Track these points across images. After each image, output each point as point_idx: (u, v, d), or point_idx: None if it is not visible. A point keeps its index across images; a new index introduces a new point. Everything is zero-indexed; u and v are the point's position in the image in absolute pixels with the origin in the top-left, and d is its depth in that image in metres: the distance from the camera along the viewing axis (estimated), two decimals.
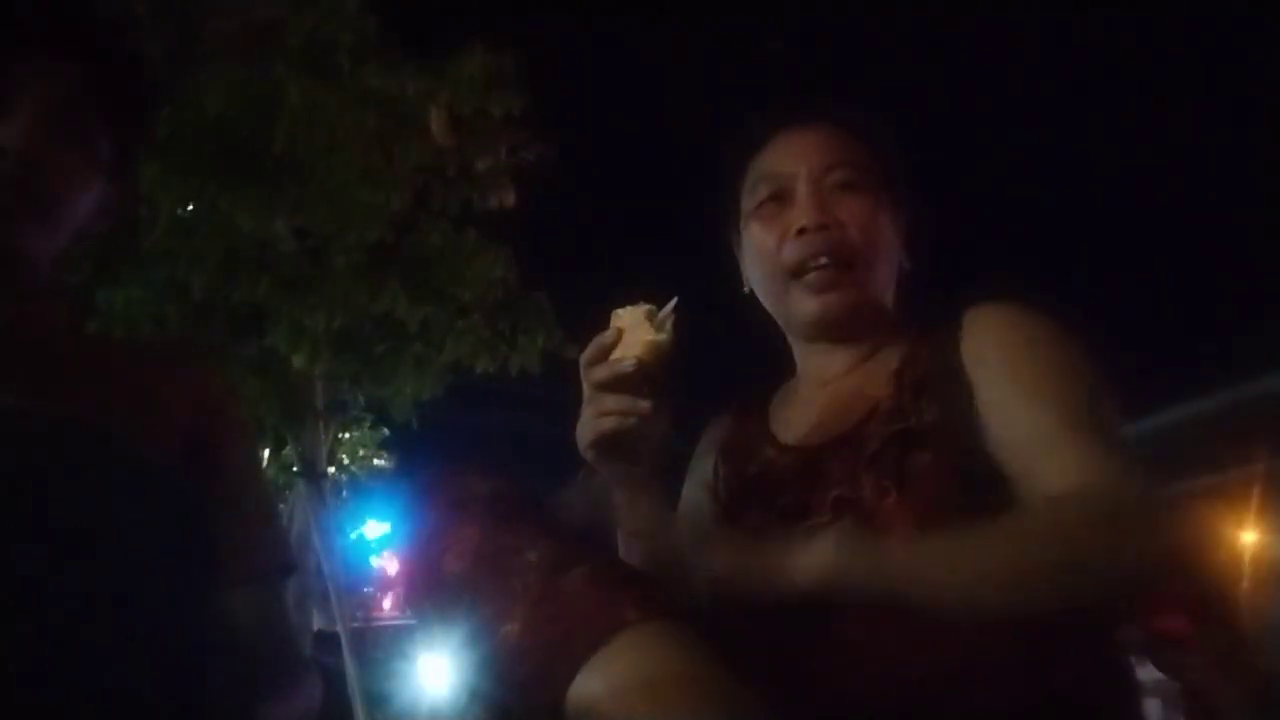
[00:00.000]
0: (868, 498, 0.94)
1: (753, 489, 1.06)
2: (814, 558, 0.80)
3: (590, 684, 0.71)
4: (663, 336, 0.97)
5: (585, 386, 0.98)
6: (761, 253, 1.08)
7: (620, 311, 1.00)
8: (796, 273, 1.05)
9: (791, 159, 1.07)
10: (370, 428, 10.27)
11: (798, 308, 1.07)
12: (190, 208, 4.52)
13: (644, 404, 0.96)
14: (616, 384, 0.96)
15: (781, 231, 1.05)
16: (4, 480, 0.67)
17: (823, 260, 1.03)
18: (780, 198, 1.06)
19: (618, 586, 0.77)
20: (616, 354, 0.97)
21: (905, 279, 1.12)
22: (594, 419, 0.97)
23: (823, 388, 1.11)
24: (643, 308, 0.99)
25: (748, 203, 1.10)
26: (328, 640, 5.87)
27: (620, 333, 0.97)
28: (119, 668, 0.69)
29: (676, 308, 0.99)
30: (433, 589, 0.82)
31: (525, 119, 4.73)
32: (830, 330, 1.09)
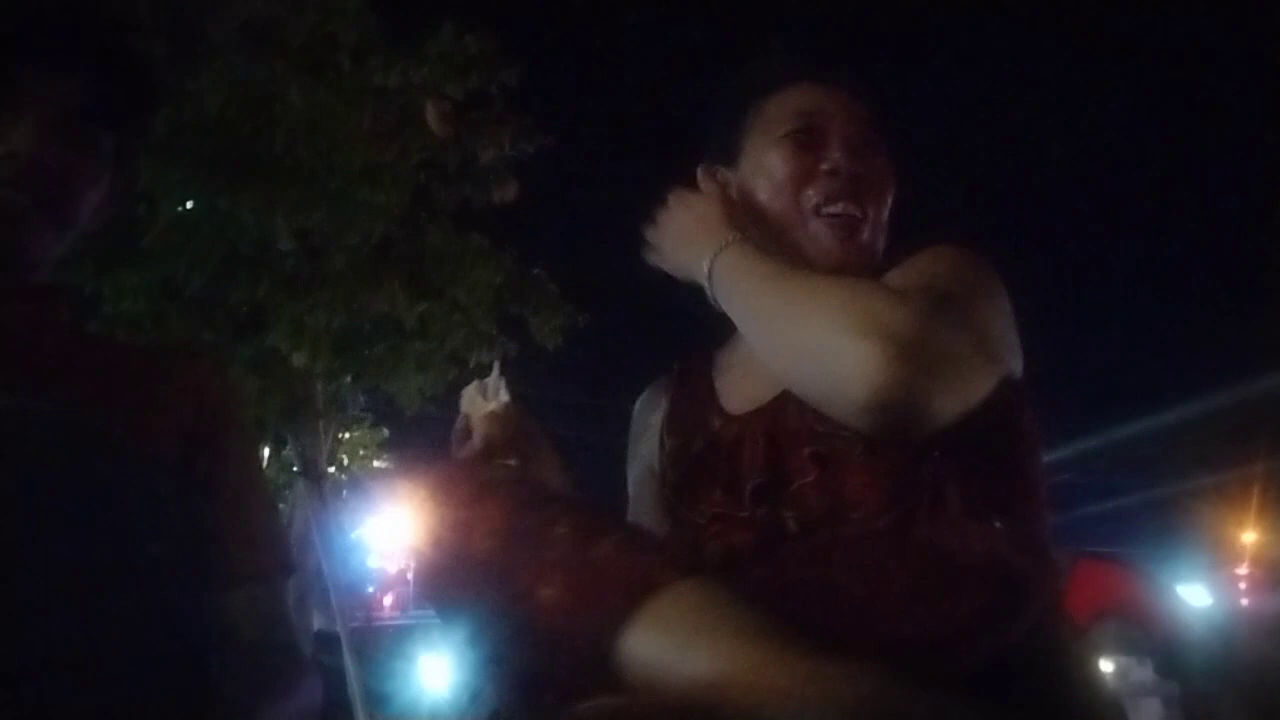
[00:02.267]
0: (827, 484, 0.94)
1: (704, 468, 1.04)
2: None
3: (645, 641, 0.72)
4: (494, 404, 1.07)
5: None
6: (785, 179, 1.05)
7: (462, 398, 1.10)
8: (820, 208, 1.04)
9: (827, 102, 1.07)
10: (370, 428, 10.29)
11: (817, 242, 1.04)
12: (190, 207, 4.52)
13: (508, 465, 1.04)
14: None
15: (809, 164, 1.05)
16: (3, 479, 0.67)
17: (853, 208, 1.04)
18: (810, 133, 1.06)
19: (649, 551, 0.80)
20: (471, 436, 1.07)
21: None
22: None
23: None
24: (473, 385, 1.10)
25: (769, 132, 1.08)
26: (328, 640, 5.87)
27: (467, 418, 1.07)
28: (119, 667, 0.69)
29: (502, 372, 1.10)
30: (459, 569, 0.84)
31: (523, 107, 4.73)
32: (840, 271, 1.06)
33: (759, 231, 1.07)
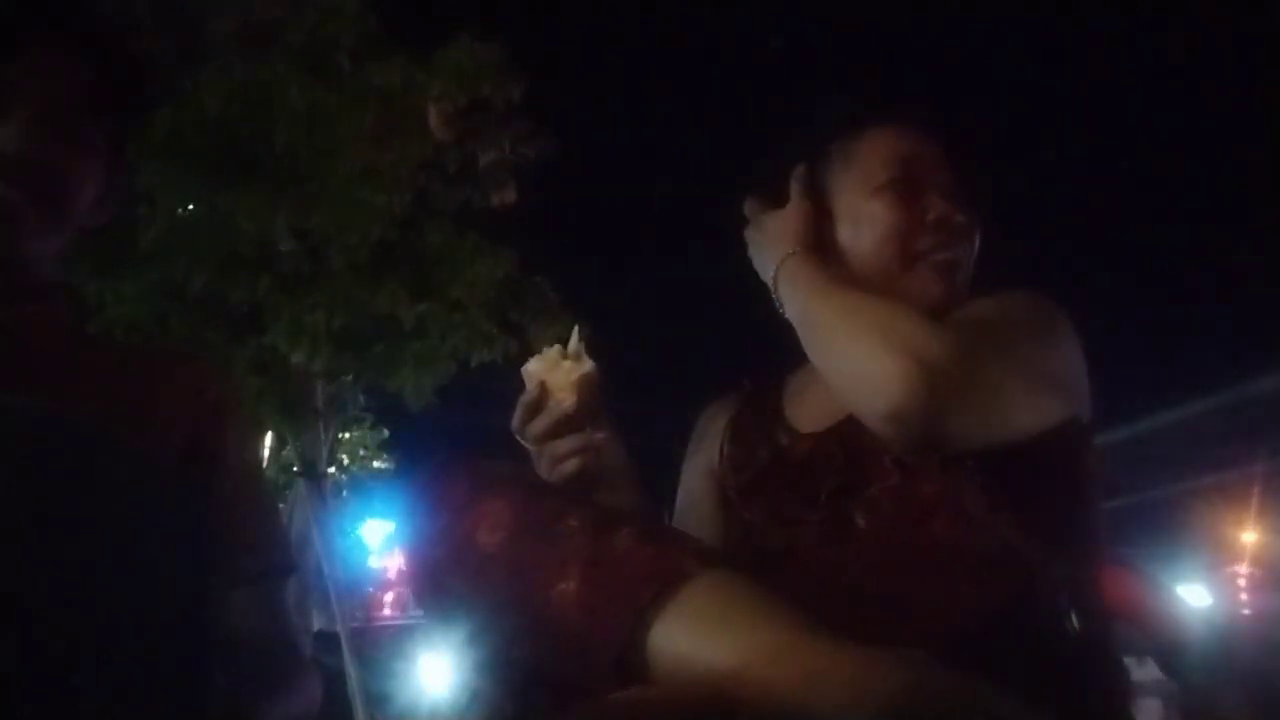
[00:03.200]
0: (891, 493, 0.96)
1: (769, 479, 1.06)
2: None
3: (673, 632, 0.71)
4: (587, 366, 1.00)
5: (529, 446, 1.02)
6: (892, 231, 1.07)
7: (530, 367, 1.03)
8: (927, 256, 1.06)
9: (919, 148, 1.10)
10: (370, 428, 10.28)
11: (920, 285, 1.07)
12: (190, 208, 4.52)
13: (599, 435, 1.00)
14: (561, 428, 1.00)
15: (914, 215, 1.06)
16: (3, 479, 0.67)
17: (956, 253, 1.07)
18: (909, 182, 1.08)
19: (670, 541, 0.79)
20: (550, 403, 1.00)
21: None
22: (553, 469, 1.00)
23: None
24: (552, 350, 1.02)
25: (864, 179, 1.10)
26: (328, 640, 5.87)
27: (542, 385, 1.01)
28: (118, 667, 0.69)
29: (583, 336, 1.02)
30: (463, 565, 0.82)
31: (525, 112, 4.74)
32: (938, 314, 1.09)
33: (859, 273, 1.09)
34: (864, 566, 0.92)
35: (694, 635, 0.71)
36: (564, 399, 0.99)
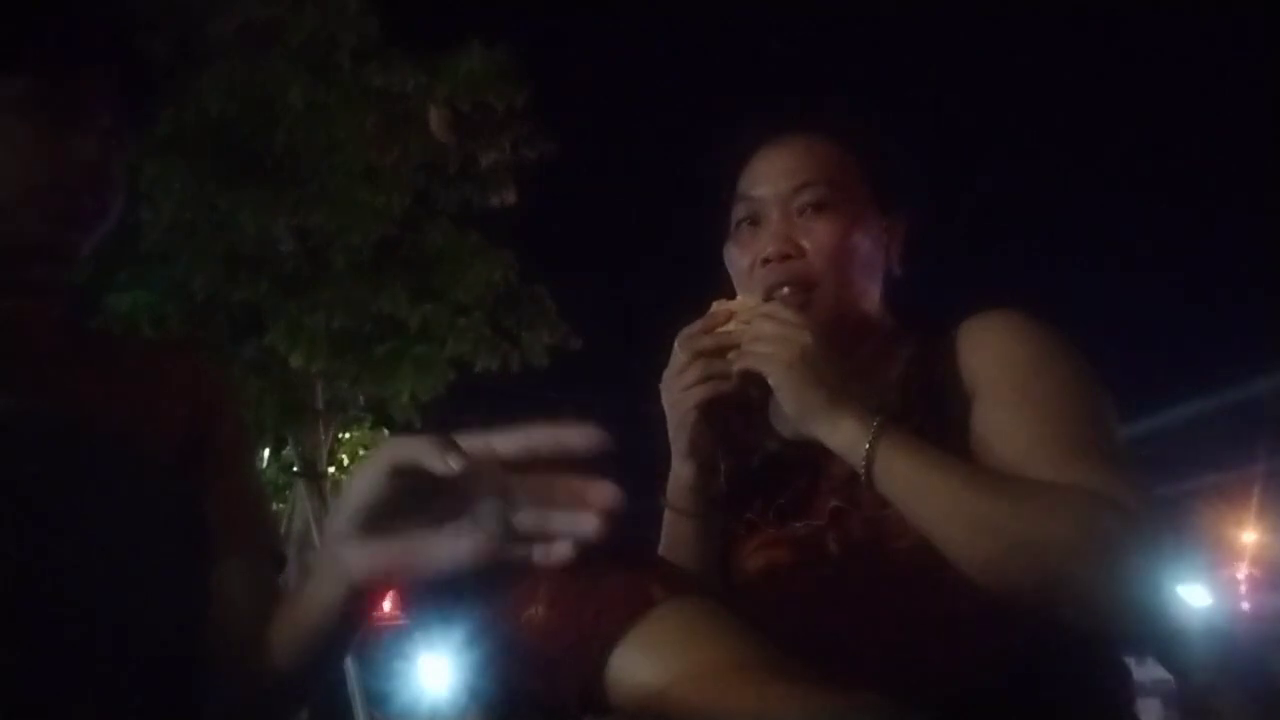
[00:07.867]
0: (866, 506, 0.95)
1: (753, 483, 1.06)
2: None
3: (632, 662, 0.72)
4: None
5: (685, 356, 1.00)
6: (739, 275, 1.10)
7: (723, 301, 1.02)
8: (766, 296, 1.07)
9: (765, 181, 1.09)
10: (370, 428, 10.28)
11: None
12: (190, 208, 4.53)
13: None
14: (726, 351, 0.99)
15: (754, 256, 1.07)
16: (1, 477, 0.67)
17: (785, 290, 1.05)
18: (755, 221, 1.09)
19: (642, 568, 0.78)
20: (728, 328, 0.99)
21: (898, 283, 1.13)
22: (697, 382, 0.99)
23: None
24: (752, 298, 1.03)
25: (732, 221, 1.12)
26: None
27: (731, 314, 1.00)
28: (115, 662, 0.69)
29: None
30: (442, 584, 0.82)
31: (526, 114, 4.76)
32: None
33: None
34: (835, 592, 0.91)
35: (653, 665, 0.71)
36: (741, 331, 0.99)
